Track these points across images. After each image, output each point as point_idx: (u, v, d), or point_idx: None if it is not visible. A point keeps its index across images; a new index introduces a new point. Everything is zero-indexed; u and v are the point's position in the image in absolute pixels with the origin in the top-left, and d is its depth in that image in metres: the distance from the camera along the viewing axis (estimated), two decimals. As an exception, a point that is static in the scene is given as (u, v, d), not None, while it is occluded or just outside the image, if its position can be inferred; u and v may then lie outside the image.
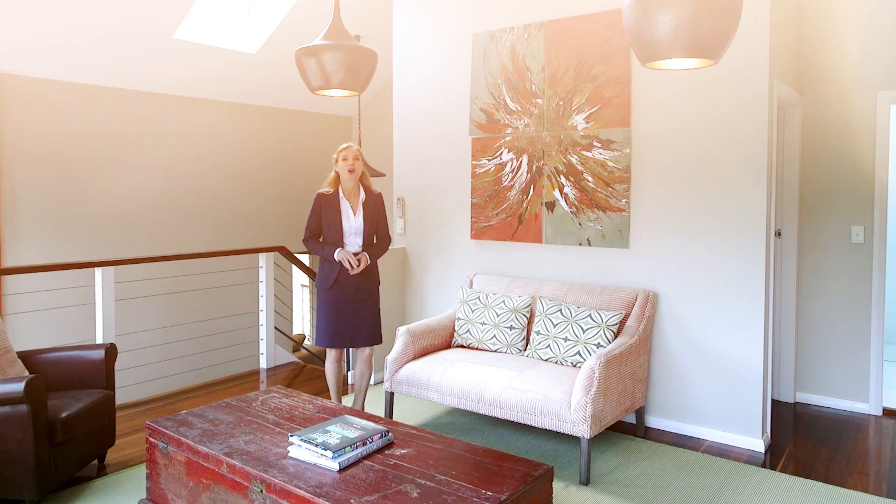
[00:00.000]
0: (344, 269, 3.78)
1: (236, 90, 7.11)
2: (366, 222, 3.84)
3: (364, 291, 3.85)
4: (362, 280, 3.84)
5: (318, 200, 3.85)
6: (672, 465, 3.55)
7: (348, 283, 3.80)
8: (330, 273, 3.81)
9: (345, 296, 3.80)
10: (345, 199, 3.85)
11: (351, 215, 3.83)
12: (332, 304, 3.80)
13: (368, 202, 3.88)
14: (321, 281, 3.84)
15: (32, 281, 5.27)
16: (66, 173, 6.01)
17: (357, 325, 3.84)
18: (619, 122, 4.13)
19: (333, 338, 3.83)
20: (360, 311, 3.84)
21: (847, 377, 4.48)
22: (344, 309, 3.80)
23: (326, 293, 3.82)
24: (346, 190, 3.86)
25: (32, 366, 3.52)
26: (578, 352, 3.82)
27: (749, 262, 3.78)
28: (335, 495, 2.20)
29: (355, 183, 3.87)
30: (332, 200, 3.84)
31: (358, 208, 3.84)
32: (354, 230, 3.83)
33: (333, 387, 3.98)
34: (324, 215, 3.83)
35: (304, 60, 3.21)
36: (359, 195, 3.88)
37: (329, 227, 3.82)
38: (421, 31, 5.12)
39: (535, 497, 2.32)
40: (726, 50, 2.16)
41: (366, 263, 3.80)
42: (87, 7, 5.11)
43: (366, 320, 3.86)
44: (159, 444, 2.83)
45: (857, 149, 4.39)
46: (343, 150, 3.83)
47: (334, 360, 3.95)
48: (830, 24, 4.45)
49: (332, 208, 3.82)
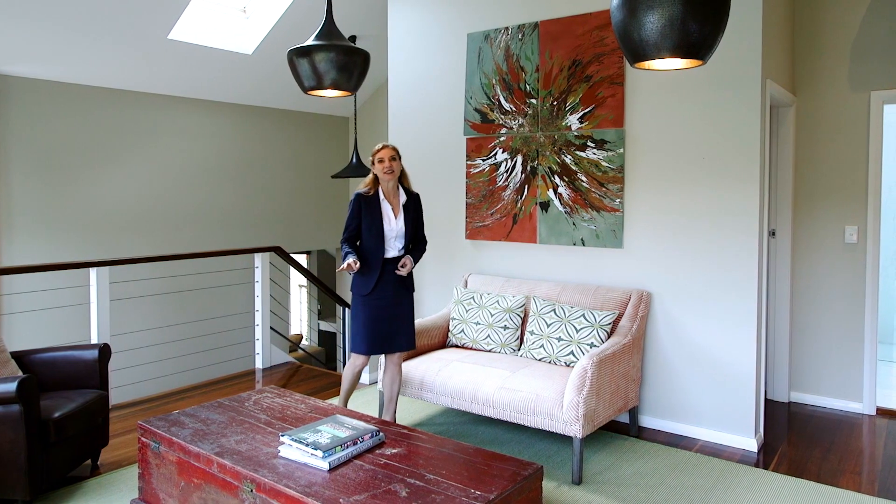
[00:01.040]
0: (384, 274, 3.58)
1: (232, 91, 7.11)
2: (407, 225, 3.64)
3: (401, 296, 3.66)
4: (400, 285, 3.65)
5: (358, 202, 3.59)
6: (665, 464, 3.56)
7: (387, 289, 3.60)
8: (368, 279, 3.59)
9: (383, 301, 3.60)
10: (385, 200, 3.62)
11: (392, 218, 3.61)
12: (370, 310, 3.59)
13: (409, 203, 3.67)
14: (358, 286, 3.62)
15: (28, 281, 5.27)
16: (62, 173, 6.02)
17: (394, 330, 3.66)
18: (613, 122, 4.14)
19: (371, 345, 3.62)
20: (397, 317, 3.66)
21: (841, 377, 4.49)
22: (382, 315, 3.61)
23: (364, 299, 3.60)
24: (386, 191, 3.63)
25: (26, 366, 3.52)
26: (572, 351, 3.83)
27: (742, 262, 3.78)
28: (324, 495, 2.20)
29: (395, 183, 3.65)
30: (372, 202, 3.59)
31: (399, 210, 3.63)
32: (396, 233, 3.62)
33: (346, 391, 3.77)
34: (363, 218, 3.58)
35: (296, 61, 3.21)
36: (399, 196, 3.66)
37: (370, 231, 3.57)
38: (416, 32, 5.13)
39: (524, 496, 2.32)
40: (714, 50, 2.16)
41: (411, 266, 3.62)
42: (83, 8, 5.11)
43: (403, 325, 3.68)
44: (151, 443, 2.84)
45: (851, 148, 4.40)
46: (378, 152, 3.60)
47: (358, 366, 3.70)
48: (824, 25, 4.46)
49: (372, 211, 3.58)
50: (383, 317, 3.62)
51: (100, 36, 5.49)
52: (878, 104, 4.30)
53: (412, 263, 3.63)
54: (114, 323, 4.93)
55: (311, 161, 8.33)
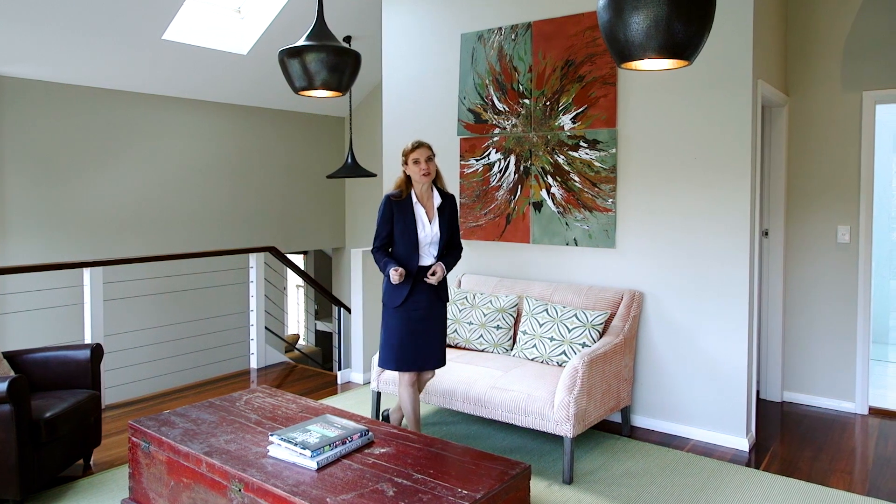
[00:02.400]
0: (417, 285, 3.30)
1: (227, 91, 7.11)
2: (443, 230, 3.34)
3: (435, 308, 3.37)
4: (434, 297, 3.36)
5: (388, 205, 3.31)
6: (656, 464, 3.56)
7: (420, 301, 3.32)
8: (400, 289, 3.30)
9: (417, 313, 3.31)
10: (419, 203, 3.33)
11: (426, 223, 3.32)
12: (402, 323, 3.31)
13: (444, 206, 3.37)
14: (389, 297, 3.34)
15: (21, 281, 5.27)
16: (56, 174, 6.02)
17: (426, 346, 3.36)
18: (606, 123, 4.15)
19: (401, 361, 3.33)
20: (430, 332, 3.36)
21: (833, 376, 4.50)
22: (414, 329, 3.32)
23: (394, 311, 3.33)
24: (420, 193, 3.34)
25: (18, 366, 3.52)
26: (564, 351, 3.83)
27: (734, 262, 3.79)
28: (311, 494, 2.21)
29: (430, 185, 3.37)
30: (404, 206, 3.31)
31: (433, 214, 3.34)
32: (431, 240, 3.32)
33: (411, 414, 3.42)
34: (395, 223, 3.31)
35: (287, 61, 3.22)
36: (433, 199, 3.36)
37: (402, 237, 3.29)
38: (410, 32, 5.13)
39: (511, 496, 2.33)
40: (699, 51, 2.17)
41: (442, 274, 3.31)
42: (76, 8, 5.11)
43: (435, 342, 3.38)
44: (141, 443, 2.84)
45: (844, 148, 4.41)
46: (413, 152, 3.30)
47: (408, 383, 3.39)
48: (816, 25, 4.47)
49: (404, 215, 3.30)
50: (415, 330, 3.32)
51: (94, 36, 5.50)
52: (870, 104, 4.31)
53: (443, 271, 3.31)
54: (109, 323, 4.94)
55: (306, 161, 8.34)
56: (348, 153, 6.96)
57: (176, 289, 6.43)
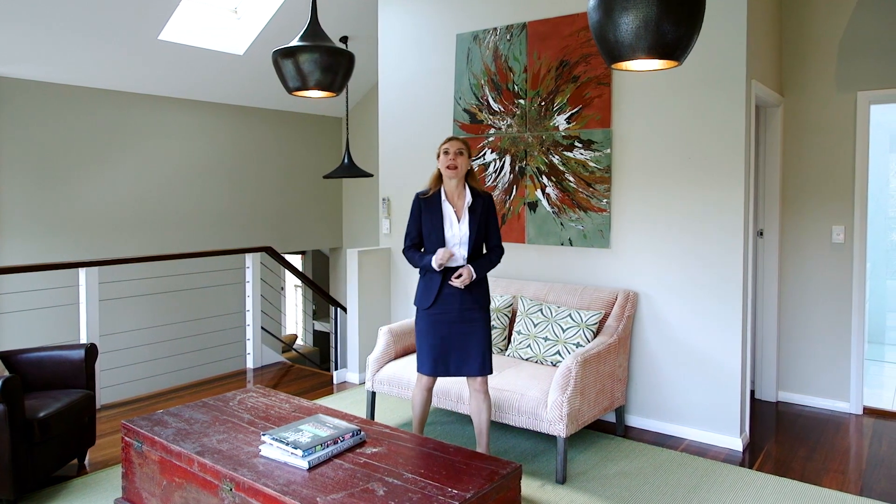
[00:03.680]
0: (446, 287, 3.20)
1: (224, 91, 7.11)
2: (472, 230, 3.22)
3: (471, 312, 3.23)
4: (469, 298, 3.22)
5: (417, 203, 3.28)
6: (649, 464, 3.57)
7: (452, 302, 3.20)
8: (430, 289, 3.23)
9: (448, 316, 3.20)
10: (447, 201, 3.25)
11: (454, 221, 3.22)
12: (431, 325, 3.22)
13: (476, 205, 3.25)
14: (420, 299, 3.28)
15: (17, 281, 5.28)
16: (52, 174, 6.02)
17: (461, 350, 3.22)
18: (600, 123, 4.15)
19: (434, 364, 3.23)
20: (467, 335, 3.22)
21: (828, 376, 4.50)
22: (447, 331, 3.21)
23: (424, 313, 3.25)
24: (449, 191, 3.26)
25: (12, 366, 3.53)
26: (558, 351, 3.84)
27: (728, 262, 3.79)
28: (302, 493, 2.21)
29: (459, 182, 3.26)
30: (432, 203, 3.25)
31: (463, 213, 3.23)
32: (459, 240, 3.22)
33: (417, 417, 3.39)
34: (424, 222, 3.26)
35: (280, 62, 3.22)
36: (464, 197, 3.26)
37: (430, 236, 3.23)
38: (406, 33, 5.14)
39: (501, 495, 2.33)
40: (689, 51, 2.18)
41: (469, 278, 3.16)
42: (72, 8, 5.11)
43: (474, 345, 3.22)
44: (134, 443, 2.84)
45: (838, 149, 4.41)
46: (444, 144, 3.25)
47: (424, 387, 3.34)
48: (811, 26, 4.48)
49: (432, 213, 3.23)
50: (446, 334, 3.21)
51: (90, 36, 5.50)
52: (865, 104, 4.32)
53: (470, 274, 3.16)
54: (105, 323, 4.94)
55: (303, 162, 8.34)
56: (345, 153, 6.96)
57: (172, 289, 6.44)
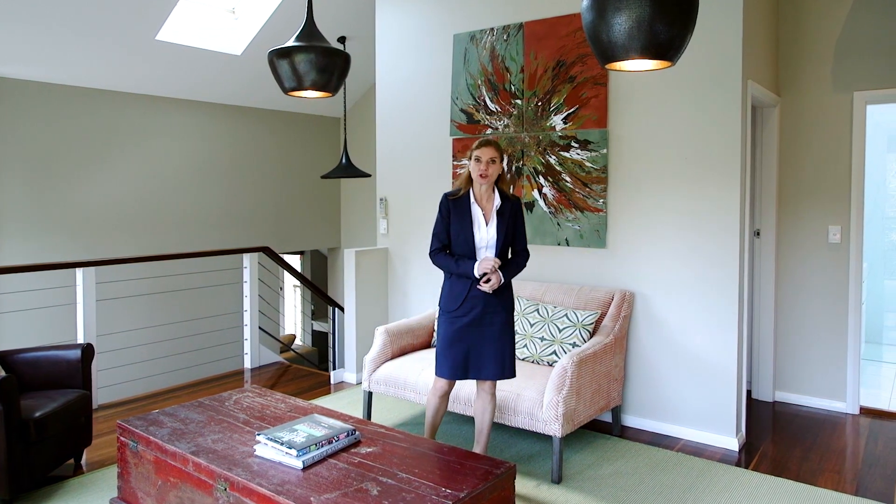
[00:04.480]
0: (474, 289, 3.13)
1: (221, 91, 7.12)
2: (500, 234, 3.16)
3: (494, 315, 3.16)
4: (495, 304, 3.16)
5: (445, 205, 3.19)
6: (645, 464, 3.57)
7: (475, 306, 3.14)
8: (457, 292, 3.17)
9: (469, 319, 3.14)
10: (476, 204, 3.18)
11: (483, 224, 3.16)
12: (453, 328, 3.16)
13: (504, 209, 3.18)
14: (447, 302, 3.20)
15: (14, 281, 5.28)
16: (50, 174, 6.02)
17: (482, 354, 3.17)
18: (597, 123, 4.16)
19: (453, 368, 3.17)
20: (489, 339, 3.15)
21: (825, 376, 4.51)
22: (467, 336, 3.15)
23: (448, 316, 3.18)
24: (478, 193, 3.19)
25: (9, 366, 3.53)
26: (555, 351, 3.84)
27: (724, 262, 3.80)
28: (296, 493, 2.22)
29: (489, 186, 3.19)
30: (461, 204, 3.17)
31: (491, 216, 3.17)
32: (486, 243, 3.16)
33: (429, 422, 3.33)
34: (452, 224, 3.18)
35: (276, 62, 3.23)
36: (493, 200, 3.19)
37: (458, 239, 3.16)
38: (403, 33, 5.14)
39: (495, 495, 2.33)
40: (682, 52, 2.18)
41: (497, 282, 3.10)
42: (70, 9, 5.12)
43: (496, 350, 3.16)
44: (129, 443, 2.85)
45: (835, 149, 4.42)
46: (477, 150, 3.14)
47: (439, 392, 3.26)
48: (807, 26, 4.48)
49: (461, 216, 3.17)
50: (468, 337, 3.16)
51: (87, 36, 5.50)
52: (861, 104, 4.32)
53: (499, 279, 3.10)
54: (102, 323, 4.94)
55: (301, 162, 8.34)
56: (343, 153, 6.96)
57: (170, 289, 6.44)
